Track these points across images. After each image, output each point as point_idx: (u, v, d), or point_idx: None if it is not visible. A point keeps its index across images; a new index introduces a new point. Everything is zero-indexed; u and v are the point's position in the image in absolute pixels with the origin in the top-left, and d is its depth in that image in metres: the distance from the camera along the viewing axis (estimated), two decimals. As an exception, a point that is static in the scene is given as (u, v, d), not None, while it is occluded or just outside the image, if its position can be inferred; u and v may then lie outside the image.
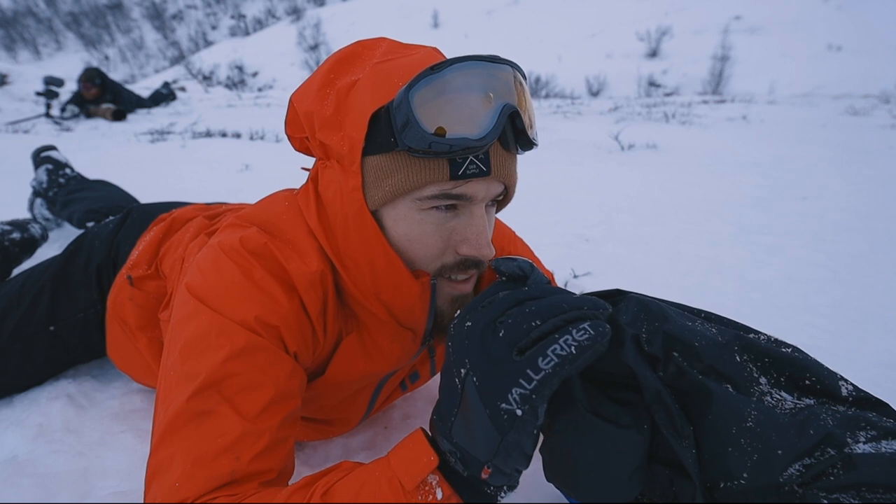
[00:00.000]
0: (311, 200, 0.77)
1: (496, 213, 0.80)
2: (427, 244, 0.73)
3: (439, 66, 0.64)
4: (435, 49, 0.77)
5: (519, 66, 0.70)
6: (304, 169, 0.87)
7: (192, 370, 0.68)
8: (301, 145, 0.81)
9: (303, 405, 0.81)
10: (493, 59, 0.67)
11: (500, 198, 0.76)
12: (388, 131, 0.67)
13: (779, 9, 21.91)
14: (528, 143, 0.72)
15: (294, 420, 0.73)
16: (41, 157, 2.26)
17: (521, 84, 0.70)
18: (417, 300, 0.77)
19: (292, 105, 0.78)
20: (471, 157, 0.67)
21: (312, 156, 0.81)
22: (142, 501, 0.68)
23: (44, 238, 1.82)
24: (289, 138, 0.82)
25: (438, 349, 0.99)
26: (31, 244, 1.77)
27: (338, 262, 0.76)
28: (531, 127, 0.71)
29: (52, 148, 2.32)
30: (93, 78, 5.99)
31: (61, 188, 2.09)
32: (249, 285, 0.72)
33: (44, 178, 2.13)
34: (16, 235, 1.72)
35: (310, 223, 0.77)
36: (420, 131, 0.64)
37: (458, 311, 0.80)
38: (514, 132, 0.70)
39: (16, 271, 1.71)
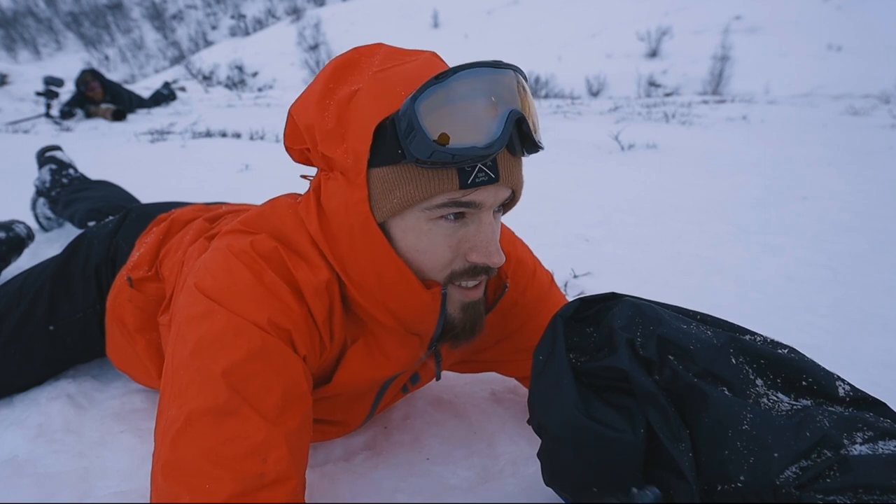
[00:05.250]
0: (313, 211, 0.77)
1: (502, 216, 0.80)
2: (437, 253, 0.73)
3: (444, 74, 0.65)
4: (434, 54, 0.77)
5: (520, 69, 0.71)
6: (303, 177, 0.87)
7: (207, 369, 0.67)
8: (301, 156, 0.81)
9: None
10: (497, 65, 0.67)
11: (507, 202, 0.77)
12: (395, 143, 0.67)
13: (779, 9, 21.88)
14: (534, 147, 0.72)
15: (309, 423, 0.74)
16: (46, 156, 2.27)
17: (523, 88, 0.70)
18: (428, 309, 0.77)
19: (292, 117, 0.78)
20: (479, 165, 0.67)
21: (313, 166, 0.81)
22: (144, 501, 0.68)
23: (30, 238, 1.82)
24: (287, 150, 0.81)
25: (444, 353, 0.99)
26: (18, 244, 1.77)
27: (342, 271, 0.76)
28: (536, 131, 0.71)
29: (57, 148, 2.33)
30: (96, 78, 6.01)
31: (64, 188, 2.09)
32: (261, 288, 0.72)
33: (47, 177, 2.14)
34: (1, 235, 1.72)
35: (311, 233, 0.77)
36: (427, 142, 0.64)
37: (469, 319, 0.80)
38: (520, 137, 0.70)
39: (6, 272, 1.71)
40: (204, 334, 0.70)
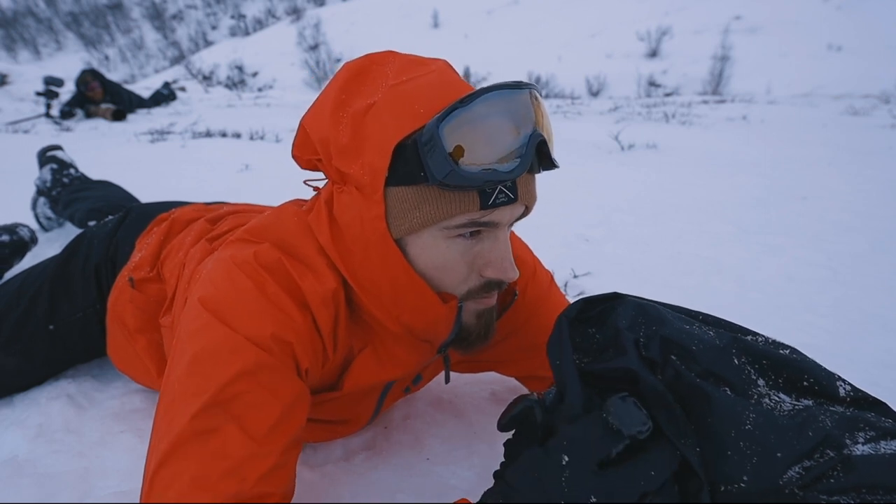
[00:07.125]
0: (325, 222, 0.76)
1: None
2: (454, 270, 0.74)
3: (468, 98, 0.65)
4: (446, 63, 0.77)
5: (536, 86, 0.72)
6: (306, 183, 0.86)
7: (199, 386, 0.67)
8: (309, 165, 0.80)
9: (312, 410, 0.81)
10: (518, 86, 0.68)
11: (520, 217, 0.78)
12: (417, 164, 0.67)
13: (779, 9, 21.87)
14: (550, 165, 0.73)
15: (297, 443, 0.73)
16: (47, 156, 2.27)
17: (539, 104, 0.71)
18: (443, 321, 0.78)
19: (304, 129, 0.77)
20: (500, 187, 0.69)
21: (320, 172, 0.81)
22: (141, 504, 0.68)
23: (33, 241, 1.83)
24: (295, 158, 0.81)
25: (454, 357, 0.99)
26: (22, 247, 1.77)
27: (354, 281, 0.76)
28: (553, 149, 0.73)
29: (59, 148, 2.34)
30: (96, 77, 6.02)
31: (65, 188, 2.10)
32: (264, 301, 0.72)
33: (48, 177, 2.14)
34: (5, 238, 1.72)
35: (322, 242, 0.77)
36: (452, 165, 0.64)
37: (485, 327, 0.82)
38: (538, 157, 0.71)
39: (8, 274, 1.71)
40: (200, 350, 0.70)
